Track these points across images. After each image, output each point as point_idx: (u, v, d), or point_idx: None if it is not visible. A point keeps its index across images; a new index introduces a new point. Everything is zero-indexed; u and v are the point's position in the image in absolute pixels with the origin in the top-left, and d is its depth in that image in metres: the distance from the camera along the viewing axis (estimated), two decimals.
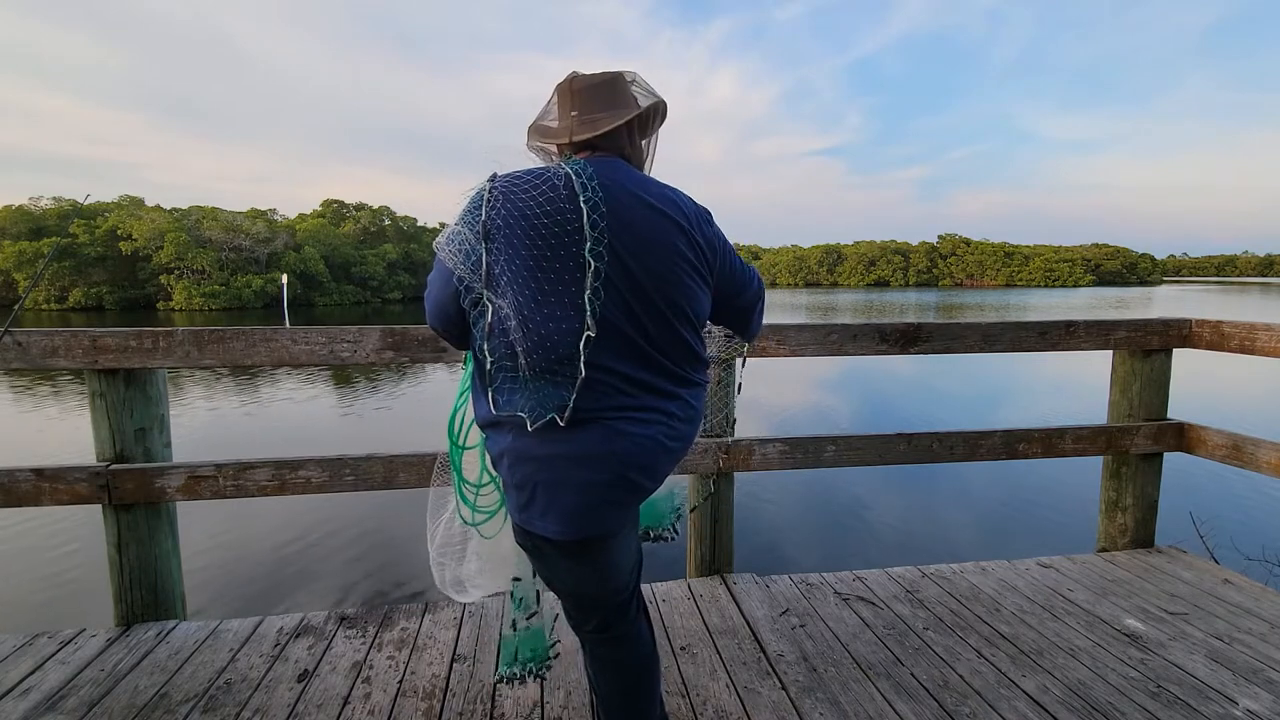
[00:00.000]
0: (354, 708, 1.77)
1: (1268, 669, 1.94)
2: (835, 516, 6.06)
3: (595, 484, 1.18)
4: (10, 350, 2.07)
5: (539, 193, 1.18)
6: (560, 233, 1.16)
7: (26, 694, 1.83)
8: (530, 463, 1.19)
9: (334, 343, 2.18)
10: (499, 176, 1.22)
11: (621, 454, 1.18)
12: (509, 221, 1.16)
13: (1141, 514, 2.80)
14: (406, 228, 69.77)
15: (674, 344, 1.25)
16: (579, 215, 1.16)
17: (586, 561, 1.27)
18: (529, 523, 1.22)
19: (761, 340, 2.45)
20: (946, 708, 1.76)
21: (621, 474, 1.19)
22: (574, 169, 1.21)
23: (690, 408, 1.30)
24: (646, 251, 1.20)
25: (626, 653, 1.39)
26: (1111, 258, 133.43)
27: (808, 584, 2.48)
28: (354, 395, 12.41)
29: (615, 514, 1.23)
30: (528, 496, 1.21)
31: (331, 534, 5.50)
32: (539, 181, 1.19)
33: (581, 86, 1.31)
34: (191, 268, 50.56)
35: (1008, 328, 2.64)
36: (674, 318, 1.23)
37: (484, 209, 1.18)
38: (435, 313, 1.28)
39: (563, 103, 1.32)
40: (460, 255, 1.18)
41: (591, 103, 1.30)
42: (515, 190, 1.19)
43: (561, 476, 1.18)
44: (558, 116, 1.33)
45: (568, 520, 1.19)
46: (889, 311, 43.74)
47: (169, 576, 2.26)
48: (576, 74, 1.34)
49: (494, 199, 1.18)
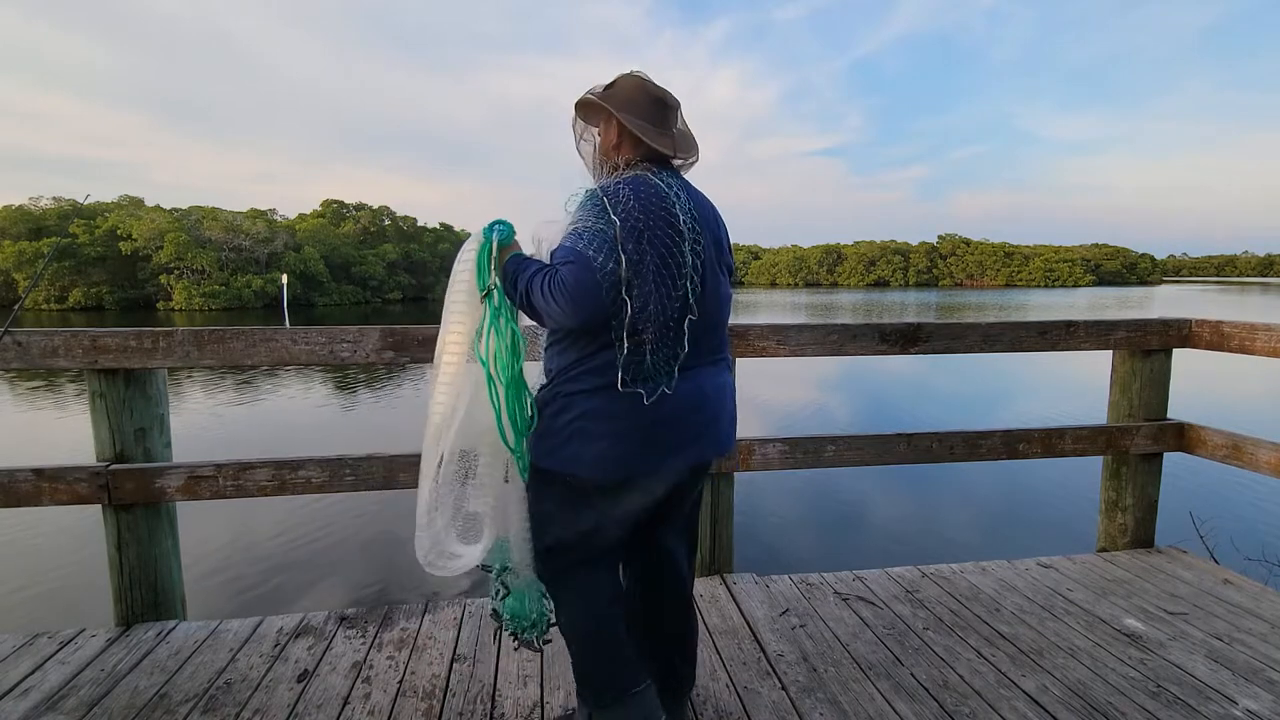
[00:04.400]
0: (354, 708, 1.77)
1: (1268, 669, 1.94)
2: (835, 516, 6.06)
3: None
4: (10, 350, 2.07)
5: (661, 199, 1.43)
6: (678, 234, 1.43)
7: (26, 694, 1.83)
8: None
9: (334, 343, 2.18)
10: (620, 183, 1.43)
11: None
12: (644, 224, 1.39)
13: (1141, 514, 2.80)
14: (406, 228, 69.70)
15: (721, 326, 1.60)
16: (679, 219, 1.43)
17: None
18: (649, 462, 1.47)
19: (761, 340, 2.45)
20: (946, 708, 1.76)
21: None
22: (665, 180, 1.46)
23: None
24: (712, 252, 1.51)
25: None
26: (1111, 258, 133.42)
27: (808, 584, 2.48)
28: (354, 395, 12.41)
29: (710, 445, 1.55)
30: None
31: (331, 534, 5.50)
32: (655, 191, 1.43)
33: (672, 103, 1.54)
34: (191, 268, 50.52)
35: (1008, 328, 2.63)
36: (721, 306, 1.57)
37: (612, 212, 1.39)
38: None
39: (654, 109, 1.51)
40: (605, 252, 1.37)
41: (684, 123, 1.56)
42: (640, 198, 1.41)
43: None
44: (651, 120, 1.50)
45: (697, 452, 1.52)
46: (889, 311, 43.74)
47: (169, 576, 2.26)
48: (644, 78, 1.53)
49: (623, 204, 1.40)
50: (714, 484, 2.50)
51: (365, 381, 13.63)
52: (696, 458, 1.51)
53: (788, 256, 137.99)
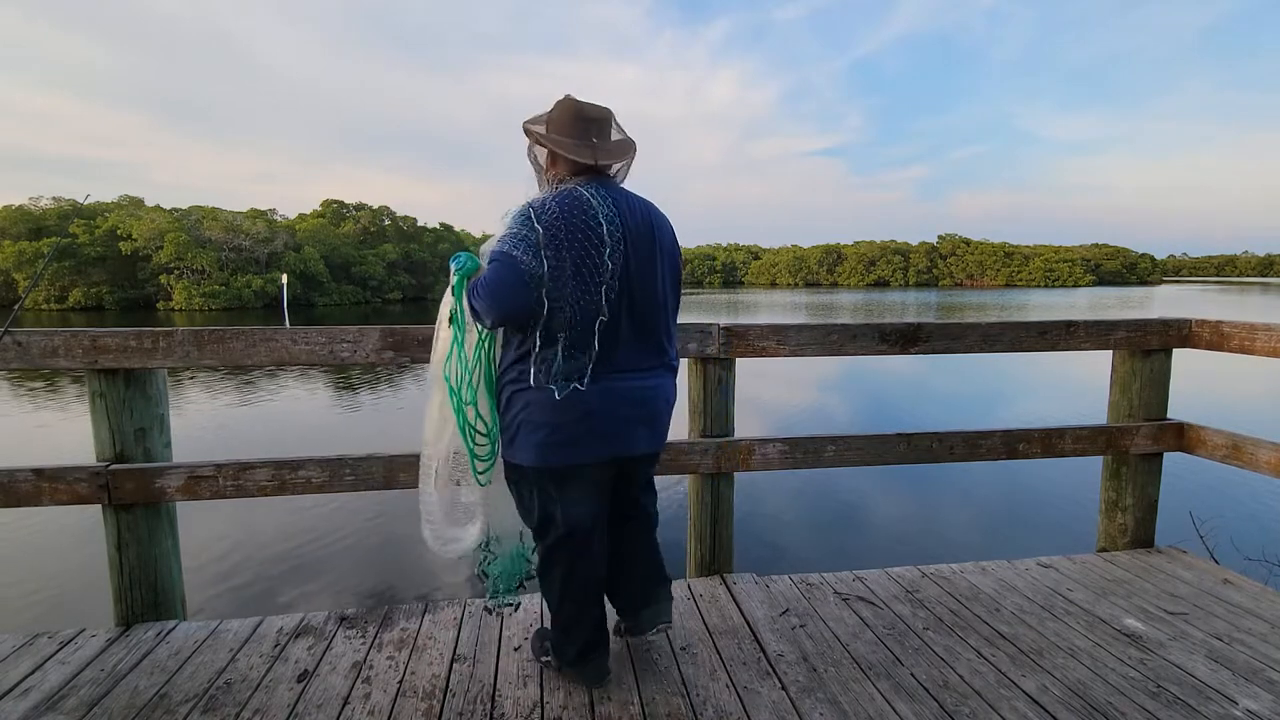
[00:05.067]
0: (354, 708, 1.77)
1: (1268, 669, 1.94)
2: (835, 516, 6.06)
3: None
4: (10, 350, 2.07)
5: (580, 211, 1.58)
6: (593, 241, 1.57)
7: (26, 694, 1.83)
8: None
9: (334, 343, 2.18)
10: (549, 197, 1.59)
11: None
12: (564, 232, 1.55)
13: (1141, 514, 2.80)
14: (406, 228, 69.63)
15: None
16: (601, 228, 1.57)
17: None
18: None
19: (762, 340, 2.45)
20: (946, 708, 1.76)
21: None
22: (591, 192, 1.60)
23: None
24: (644, 257, 1.65)
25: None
26: (1111, 258, 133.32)
27: (808, 584, 2.48)
28: (354, 395, 12.41)
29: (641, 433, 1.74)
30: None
31: (331, 534, 5.50)
32: (577, 202, 1.58)
33: (596, 116, 1.66)
34: (191, 268, 50.46)
35: (1008, 328, 2.63)
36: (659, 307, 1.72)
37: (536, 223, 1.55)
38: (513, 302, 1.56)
39: (576, 125, 1.64)
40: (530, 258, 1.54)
41: (605, 134, 1.67)
42: (563, 209, 1.57)
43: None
44: (573, 135, 1.64)
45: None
46: (889, 311, 43.74)
47: (169, 576, 2.26)
48: (574, 98, 1.66)
49: (546, 215, 1.56)
50: (714, 484, 2.50)
51: (366, 381, 13.63)
52: (624, 451, 1.69)
53: (788, 256, 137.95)
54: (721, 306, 50.91)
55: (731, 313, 42.31)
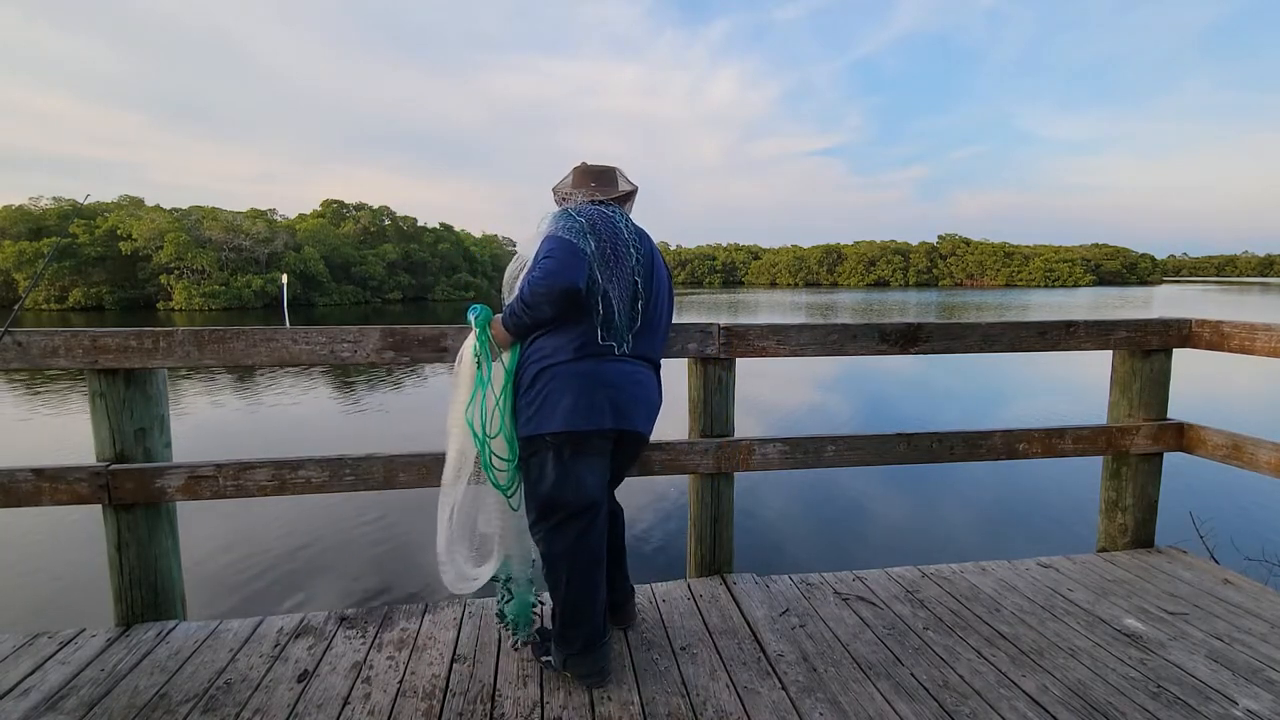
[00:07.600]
0: (354, 708, 1.77)
1: (1268, 669, 1.94)
2: (835, 516, 6.06)
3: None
4: (10, 350, 2.07)
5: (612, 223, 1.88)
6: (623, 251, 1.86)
7: (26, 694, 1.83)
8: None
9: (334, 343, 2.18)
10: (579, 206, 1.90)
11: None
12: (600, 226, 1.83)
13: (1141, 514, 2.80)
14: (406, 228, 69.58)
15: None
16: (624, 234, 1.87)
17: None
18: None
19: (761, 340, 2.45)
20: (946, 708, 1.76)
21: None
22: (613, 211, 1.92)
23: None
24: (652, 272, 1.95)
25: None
26: (1111, 258, 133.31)
27: (808, 584, 2.48)
28: (354, 395, 12.41)
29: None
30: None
31: (331, 534, 5.50)
32: (604, 212, 1.89)
33: (608, 169, 2.05)
34: (191, 268, 50.47)
35: (1008, 328, 2.63)
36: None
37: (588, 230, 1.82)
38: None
39: (585, 179, 2.02)
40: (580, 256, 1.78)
41: (621, 176, 2.06)
42: (596, 211, 1.88)
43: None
44: (580, 185, 2.01)
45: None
46: (889, 311, 43.73)
47: (169, 576, 2.26)
48: (585, 165, 2.04)
49: (584, 213, 1.84)
50: (714, 484, 2.50)
51: (366, 381, 13.63)
52: (629, 425, 1.86)
53: (788, 256, 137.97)
54: (721, 306, 50.90)
55: (731, 313, 42.28)
